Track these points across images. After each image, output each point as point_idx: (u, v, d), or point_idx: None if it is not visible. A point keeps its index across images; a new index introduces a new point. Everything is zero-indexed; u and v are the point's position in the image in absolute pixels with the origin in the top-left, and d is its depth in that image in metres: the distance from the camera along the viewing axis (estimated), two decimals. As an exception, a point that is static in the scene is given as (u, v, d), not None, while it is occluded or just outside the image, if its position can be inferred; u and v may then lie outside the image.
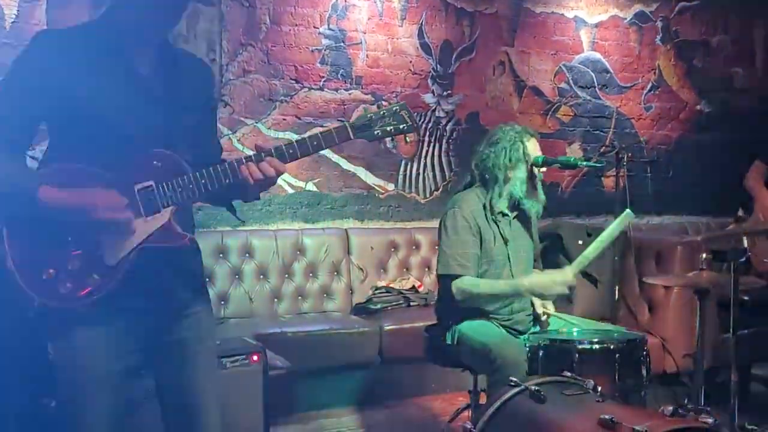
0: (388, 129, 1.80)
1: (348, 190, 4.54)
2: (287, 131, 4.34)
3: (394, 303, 4.15)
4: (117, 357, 1.73)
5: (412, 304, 4.17)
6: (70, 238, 1.64)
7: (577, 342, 2.32)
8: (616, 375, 2.26)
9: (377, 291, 4.25)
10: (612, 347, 2.29)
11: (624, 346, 2.30)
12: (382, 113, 1.80)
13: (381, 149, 4.61)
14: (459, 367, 2.92)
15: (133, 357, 1.78)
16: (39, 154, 1.81)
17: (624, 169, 3.30)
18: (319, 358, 3.64)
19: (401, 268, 4.43)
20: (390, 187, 4.66)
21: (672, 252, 3.82)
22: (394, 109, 1.81)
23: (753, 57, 5.88)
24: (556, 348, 2.33)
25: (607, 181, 5.30)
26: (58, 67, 1.65)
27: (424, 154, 4.75)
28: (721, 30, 5.72)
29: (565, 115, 5.20)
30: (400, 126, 1.81)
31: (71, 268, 1.64)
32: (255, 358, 2.62)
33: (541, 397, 1.94)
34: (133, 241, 1.67)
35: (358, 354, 3.78)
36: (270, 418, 2.70)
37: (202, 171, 1.71)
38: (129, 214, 1.65)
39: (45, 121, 1.72)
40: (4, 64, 3.73)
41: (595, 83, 5.29)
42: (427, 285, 4.38)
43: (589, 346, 2.30)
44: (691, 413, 2.62)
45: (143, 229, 1.68)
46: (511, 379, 2.06)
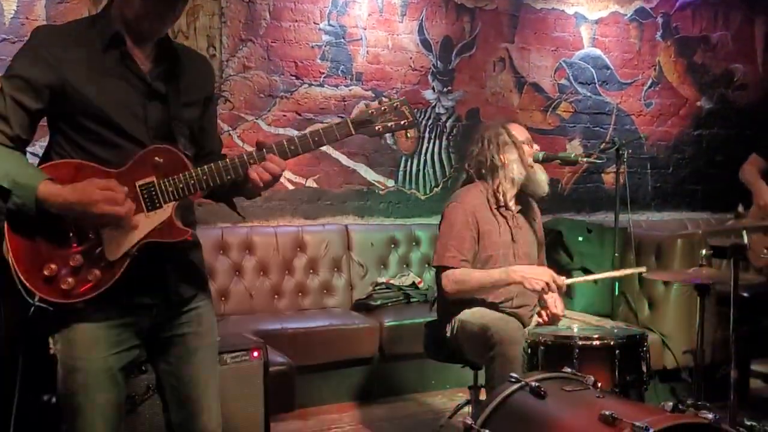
0: (388, 125, 1.80)
1: (348, 186, 4.54)
2: (287, 127, 4.34)
3: (395, 299, 4.16)
4: (118, 352, 1.74)
5: (412, 300, 4.18)
6: (71, 234, 1.65)
7: (577, 338, 2.33)
8: (617, 371, 2.27)
9: (377, 287, 4.25)
10: (612, 343, 2.29)
11: (624, 343, 2.31)
12: (382, 109, 1.80)
13: (381, 145, 4.60)
14: (459, 363, 2.93)
15: (134, 352, 1.78)
16: (39, 150, 1.82)
17: (624, 165, 3.30)
18: (320, 354, 3.65)
19: (401, 264, 4.43)
20: (390, 183, 4.66)
21: (672, 248, 3.82)
22: (394, 105, 1.81)
23: (753, 53, 5.88)
24: (557, 344, 2.33)
25: (607, 177, 5.31)
26: (57, 63, 1.65)
27: (424, 151, 4.75)
28: (722, 26, 5.72)
29: (565, 111, 5.19)
30: (401, 122, 1.81)
31: (73, 263, 1.64)
32: (255, 353, 2.62)
33: (542, 393, 1.94)
34: (135, 237, 1.67)
35: (358, 350, 3.78)
36: (270, 413, 2.70)
37: (204, 167, 1.71)
38: (130, 209, 1.65)
39: (45, 116, 1.73)
40: (4, 59, 3.75)
41: (596, 79, 5.29)
42: (427, 281, 4.38)
43: (589, 342, 2.31)
44: (691, 409, 2.63)
45: (145, 224, 1.68)
46: (512, 375, 2.07)
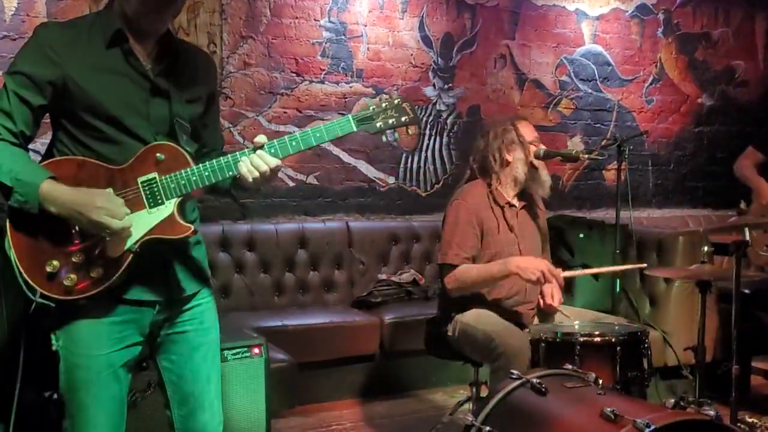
0: (389, 122, 1.80)
1: (349, 183, 4.53)
2: (288, 124, 4.33)
3: (395, 296, 4.16)
4: (121, 349, 1.74)
5: (413, 297, 4.18)
6: (74, 231, 1.65)
7: (578, 335, 2.33)
8: (618, 368, 2.27)
9: (378, 284, 4.25)
10: (613, 340, 2.29)
11: (625, 339, 2.31)
12: (383, 106, 1.80)
13: (382, 142, 4.60)
14: (460, 360, 2.93)
15: (137, 349, 1.78)
16: (41, 147, 1.81)
17: (625, 162, 3.30)
18: (320, 350, 3.65)
19: (402, 261, 4.43)
20: (391, 180, 4.66)
21: (673, 245, 3.81)
22: (395, 102, 1.81)
23: (754, 50, 5.86)
24: (558, 341, 2.33)
25: (608, 174, 5.31)
26: (60, 59, 1.65)
27: (424, 148, 4.74)
28: (723, 23, 5.70)
29: (566, 108, 5.19)
30: (402, 118, 1.81)
31: (75, 260, 1.65)
32: (256, 350, 2.63)
33: (543, 389, 1.94)
34: (137, 233, 1.67)
35: (359, 347, 3.79)
36: (271, 410, 2.70)
37: (206, 163, 1.71)
38: (126, 226, 1.64)
39: (48, 114, 1.73)
40: (5, 56, 3.74)
41: (597, 76, 5.28)
42: (427, 278, 4.38)
43: (590, 339, 2.31)
44: (693, 406, 2.63)
45: (147, 220, 1.68)
46: (512, 372, 2.07)
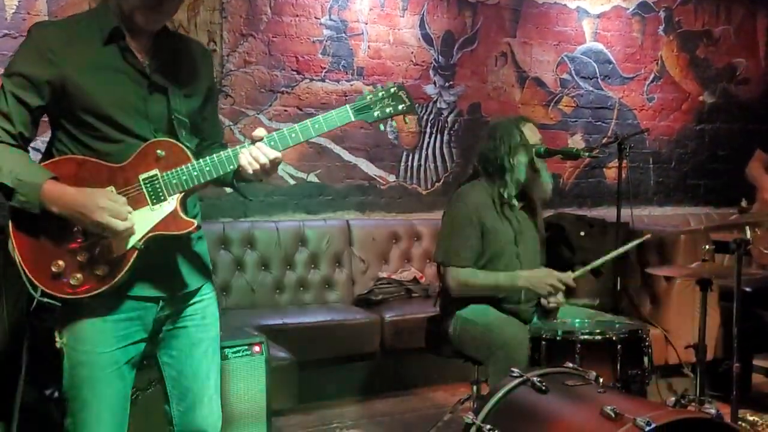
0: (387, 110, 1.80)
1: (349, 181, 4.53)
2: (288, 122, 4.26)
3: (396, 294, 4.16)
4: (125, 346, 1.74)
5: (413, 295, 4.18)
6: (77, 230, 1.64)
7: (579, 333, 2.32)
8: (618, 366, 2.27)
9: (379, 282, 4.25)
10: (614, 338, 2.29)
11: (626, 337, 2.30)
12: (380, 95, 1.80)
13: (382, 140, 4.60)
14: (461, 358, 2.93)
15: (141, 346, 1.78)
16: (41, 145, 1.81)
17: (626, 160, 3.29)
18: (321, 349, 3.64)
19: (403, 259, 4.43)
20: (391, 178, 4.65)
21: (674, 243, 3.81)
22: (392, 90, 1.81)
23: (756, 47, 5.85)
24: (559, 339, 2.33)
25: (609, 172, 5.30)
26: (57, 59, 1.64)
27: (425, 146, 4.74)
28: (724, 20, 5.69)
29: (567, 106, 5.18)
30: (399, 106, 1.81)
31: (80, 259, 1.64)
32: (257, 348, 2.63)
33: (543, 388, 1.94)
34: (141, 230, 1.67)
35: (359, 345, 3.78)
36: (272, 408, 2.70)
37: (206, 158, 1.71)
38: (129, 227, 1.64)
39: (46, 113, 1.72)
40: (5, 54, 3.74)
41: (598, 74, 5.27)
42: (428, 276, 4.38)
43: (591, 337, 2.30)
44: (693, 404, 2.63)
45: (150, 217, 1.68)
46: (513, 369, 2.06)
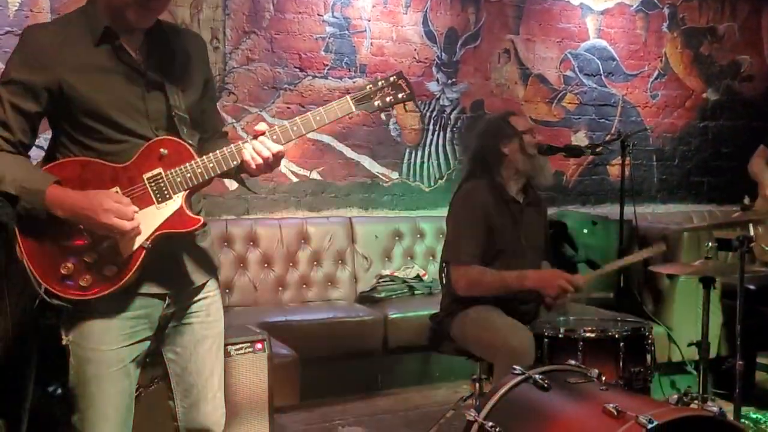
0: (387, 99, 1.80)
1: (352, 178, 4.53)
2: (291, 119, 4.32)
3: (399, 292, 4.15)
4: (131, 344, 1.75)
5: (416, 292, 4.17)
6: (85, 232, 1.65)
7: (581, 331, 2.32)
8: (621, 364, 2.27)
9: (382, 279, 4.25)
10: (616, 336, 2.29)
11: (628, 335, 2.30)
12: (380, 84, 1.80)
13: (385, 137, 4.59)
14: (463, 356, 2.92)
15: (146, 344, 1.79)
16: (44, 142, 1.81)
17: (629, 157, 3.29)
18: (324, 346, 3.64)
19: (406, 256, 4.43)
20: (394, 175, 4.65)
21: (677, 240, 3.80)
22: (391, 79, 1.81)
23: (760, 44, 5.83)
24: (561, 337, 2.33)
25: (612, 169, 5.29)
26: (52, 64, 1.62)
27: (428, 143, 4.74)
28: (729, 17, 5.67)
29: (570, 103, 5.17)
30: (399, 95, 1.81)
31: (88, 260, 1.65)
32: (259, 345, 2.63)
33: (545, 385, 1.94)
34: (148, 230, 1.67)
35: (362, 342, 3.78)
36: (274, 405, 2.70)
37: (210, 155, 1.71)
38: (135, 228, 1.64)
39: (46, 117, 1.70)
40: (8, 51, 3.73)
41: (601, 71, 5.26)
42: (431, 273, 4.37)
43: (593, 335, 2.30)
44: (696, 402, 2.63)
45: (156, 216, 1.68)
46: (515, 367, 2.06)
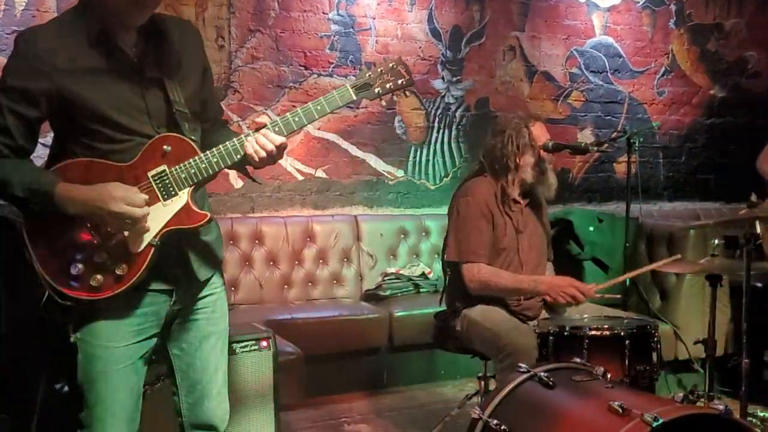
0: (387, 86, 1.80)
1: (357, 176, 4.53)
2: (296, 118, 4.32)
3: (404, 289, 4.15)
4: (139, 341, 1.75)
5: (421, 290, 4.17)
6: (92, 232, 1.65)
7: (587, 328, 2.31)
8: (627, 361, 2.26)
9: (387, 278, 4.25)
10: (622, 334, 2.28)
11: (634, 333, 2.29)
12: (379, 71, 1.80)
13: (390, 135, 4.59)
14: (468, 354, 2.93)
15: (153, 341, 1.79)
16: (48, 140, 1.81)
17: (635, 154, 3.28)
18: (329, 344, 3.65)
19: (411, 254, 4.43)
20: (399, 173, 4.65)
21: (684, 238, 3.79)
22: (390, 66, 1.81)
23: (767, 41, 5.80)
24: (566, 334, 2.32)
25: (618, 167, 5.27)
26: (49, 69, 1.62)
27: (433, 141, 4.73)
28: (735, 13, 5.64)
29: (576, 100, 5.15)
30: (399, 81, 1.81)
31: (98, 260, 1.65)
32: (264, 343, 2.63)
33: (550, 383, 1.93)
34: (156, 227, 1.68)
35: (367, 340, 3.79)
36: (280, 402, 2.71)
37: (213, 150, 1.71)
38: (145, 214, 1.65)
39: (47, 120, 1.70)
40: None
41: (607, 68, 5.24)
42: (436, 271, 4.36)
43: (599, 333, 2.29)
44: (702, 400, 2.62)
45: (163, 213, 1.69)
46: (520, 365, 2.06)
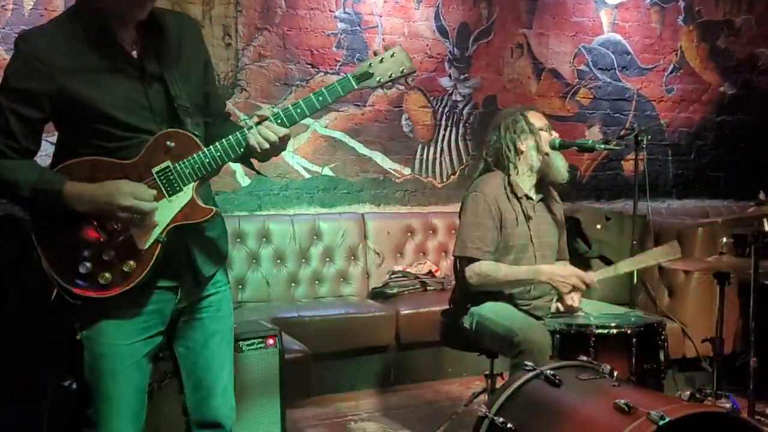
0: (389, 74, 1.80)
1: (364, 174, 4.53)
2: (303, 116, 4.33)
3: (411, 287, 4.16)
4: (144, 339, 1.76)
5: (428, 288, 4.17)
6: (100, 230, 1.66)
7: (594, 326, 2.31)
8: (634, 360, 2.25)
9: (394, 275, 4.25)
10: (629, 332, 2.27)
11: (641, 331, 2.28)
12: (379, 59, 1.79)
13: (397, 133, 4.59)
14: (475, 351, 2.92)
15: (158, 339, 1.80)
16: (55, 138, 1.82)
17: (643, 152, 3.25)
18: (336, 342, 3.66)
19: (418, 252, 4.43)
20: (406, 171, 4.65)
21: (692, 236, 3.77)
22: (390, 53, 1.80)
23: (778, 37, 5.76)
24: (573, 332, 2.31)
25: (626, 164, 5.25)
26: (51, 70, 1.62)
27: (440, 138, 4.72)
28: (745, 10, 5.60)
29: (584, 97, 5.13)
30: (400, 69, 1.80)
31: (106, 258, 1.66)
32: (271, 341, 2.64)
33: (557, 381, 1.93)
34: (162, 223, 1.68)
35: (374, 338, 3.79)
36: (286, 400, 2.72)
37: (216, 144, 1.71)
38: (154, 208, 1.66)
39: (51, 120, 1.70)
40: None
41: (616, 65, 5.22)
42: (443, 269, 4.37)
43: (606, 331, 2.29)
44: (709, 398, 2.61)
45: (169, 209, 1.69)
46: (526, 363, 2.05)
